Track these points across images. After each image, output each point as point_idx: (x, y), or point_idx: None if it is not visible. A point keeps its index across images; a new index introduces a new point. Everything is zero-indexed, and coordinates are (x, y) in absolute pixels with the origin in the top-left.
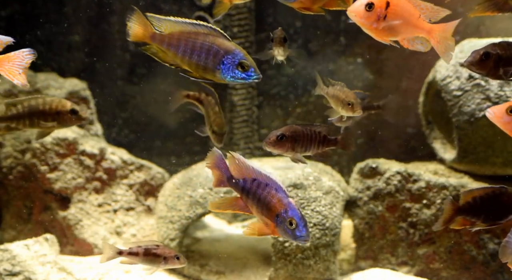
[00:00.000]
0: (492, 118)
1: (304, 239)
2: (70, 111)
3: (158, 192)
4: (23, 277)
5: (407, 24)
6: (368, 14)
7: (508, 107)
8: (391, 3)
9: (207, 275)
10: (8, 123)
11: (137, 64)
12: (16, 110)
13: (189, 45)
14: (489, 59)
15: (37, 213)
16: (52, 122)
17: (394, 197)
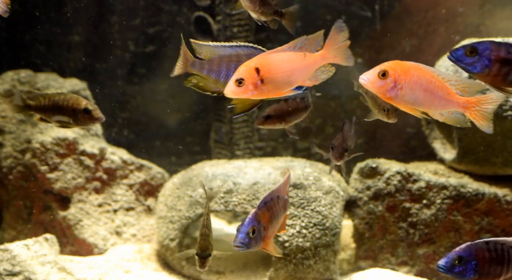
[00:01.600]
0: (366, 84)
1: (234, 245)
2: (83, 110)
3: (158, 192)
4: (23, 277)
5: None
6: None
7: (379, 71)
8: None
9: (207, 275)
10: (37, 112)
11: (137, 64)
12: (43, 102)
13: (231, 68)
14: None
15: (37, 213)
16: (68, 119)
17: (394, 197)
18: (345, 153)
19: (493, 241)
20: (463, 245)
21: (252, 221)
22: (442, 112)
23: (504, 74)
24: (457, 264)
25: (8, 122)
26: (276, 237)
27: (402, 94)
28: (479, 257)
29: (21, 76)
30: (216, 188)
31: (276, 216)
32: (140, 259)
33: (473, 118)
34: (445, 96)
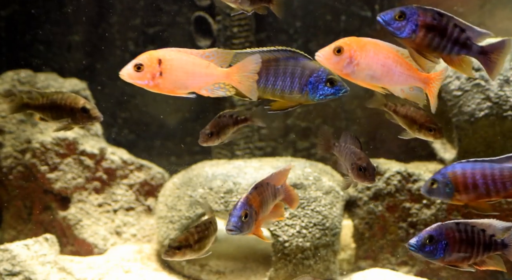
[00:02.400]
0: (321, 61)
1: (227, 229)
2: (81, 109)
3: (158, 192)
4: (23, 277)
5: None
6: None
7: (334, 48)
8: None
9: (207, 275)
10: (36, 111)
11: None
12: (41, 101)
13: (271, 73)
14: None
15: (37, 213)
16: (66, 118)
17: (394, 197)
18: (375, 171)
19: (463, 223)
20: (433, 225)
21: (244, 205)
22: (403, 88)
23: (429, 40)
24: (427, 243)
25: (8, 122)
26: (276, 237)
27: (358, 70)
28: (450, 237)
29: (21, 76)
30: (216, 188)
31: (266, 202)
32: (140, 259)
33: (429, 94)
34: (405, 72)
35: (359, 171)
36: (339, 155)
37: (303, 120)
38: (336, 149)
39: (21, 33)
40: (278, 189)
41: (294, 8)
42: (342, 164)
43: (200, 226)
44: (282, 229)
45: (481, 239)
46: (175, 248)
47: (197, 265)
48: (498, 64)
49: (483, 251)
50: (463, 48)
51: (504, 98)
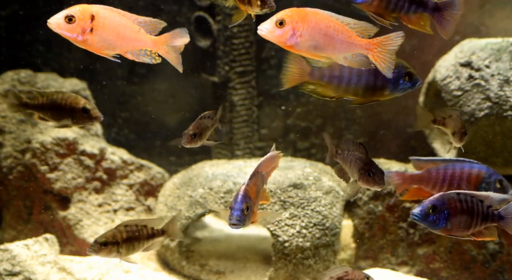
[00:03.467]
0: (265, 35)
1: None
2: (81, 109)
3: (158, 192)
4: (23, 277)
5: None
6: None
7: (276, 20)
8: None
9: (207, 275)
10: (35, 111)
11: (137, 64)
12: (41, 100)
13: (354, 71)
14: None
15: (37, 213)
16: (67, 118)
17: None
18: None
19: (463, 193)
20: (436, 195)
21: (245, 197)
22: (345, 55)
23: (386, 2)
24: (431, 213)
25: (8, 122)
26: (276, 237)
27: (302, 41)
28: (452, 207)
29: (21, 76)
30: (216, 188)
31: (259, 191)
32: (140, 259)
33: (375, 60)
34: (346, 39)
35: (368, 176)
36: (343, 163)
37: (303, 120)
38: (339, 157)
39: (21, 33)
40: (264, 175)
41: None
42: (348, 172)
43: (130, 226)
44: (282, 229)
45: (480, 209)
46: (100, 244)
47: (197, 265)
48: (451, 21)
49: (481, 221)
50: (419, 6)
51: (504, 98)
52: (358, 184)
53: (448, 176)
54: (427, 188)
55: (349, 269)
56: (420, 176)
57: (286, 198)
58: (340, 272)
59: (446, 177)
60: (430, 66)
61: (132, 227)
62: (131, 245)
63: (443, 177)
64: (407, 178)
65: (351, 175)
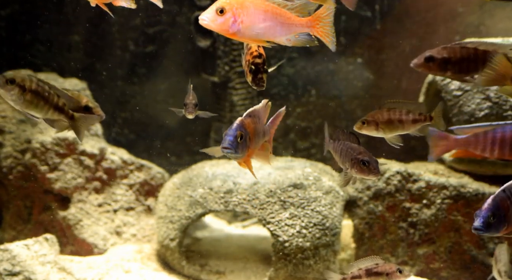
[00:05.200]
0: (207, 24)
1: (223, 146)
2: (84, 107)
3: (158, 192)
4: (23, 277)
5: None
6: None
7: (216, 8)
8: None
9: (207, 275)
10: None
11: (137, 64)
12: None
13: None
14: (433, 62)
15: (37, 213)
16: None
17: (394, 197)
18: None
19: (507, 188)
20: (488, 201)
21: (240, 126)
22: (288, 37)
23: None
24: (492, 221)
25: (8, 122)
26: (276, 237)
27: (244, 28)
28: (505, 207)
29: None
30: (216, 188)
31: (258, 134)
32: (140, 259)
33: (319, 36)
34: (286, 21)
35: (363, 165)
36: (334, 152)
37: (303, 120)
38: (330, 145)
39: (21, 33)
40: (266, 127)
41: None
42: (338, 162)
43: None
44: (282, 229)
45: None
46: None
47: (197, 265)
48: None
49: None
50: None
51: (504, 98)
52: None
53: (498, 139)
54: (476, 152)
55: (380, 261)
56: (466, 140)
57: (286, 198)
58: (370, 264)
59: (495, 140)
60: None
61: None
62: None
63: (492, 140)
64: (452, 141)
65: (341, 165)
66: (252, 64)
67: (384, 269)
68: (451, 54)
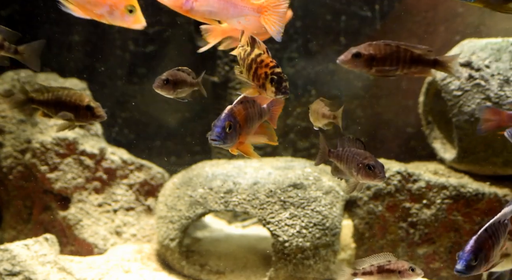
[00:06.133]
0: (174, 6)
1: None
2: (86, 106)
3: (158, 192)
4: (23, 277)
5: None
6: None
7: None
8: None
9: (207, 275)
10: (40, 107)
11: (137, 64)
12: (46, 96)
13: None
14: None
15: (37, 213)
16: (70, 115)
17: (394, 197)
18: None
19: (490, 226)
20: (470, 242)
21: (228, 116)
22: (239, 19)
23: None
24: (474, 264)
25: (8, 122)
26: (276, 237)
27: (197, 6)
28: (486, 247)
29: (21, 76)
30: (216, 188)
31: (251, 119)
32: (140, 259)
33: (265, 23)
34: (239, 3)
35: (368, 170)
36: (338, 161)
37: (303, 120)
38: (332, 155)
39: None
40: (263, 108)
41: (294, 8)
42: (344, 169)
43: None
44: (282, 229)
45: (502, 231)
46: None
47: (197, 265)
48: None
49: (504, 242)
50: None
51: (504, 98)
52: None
53: None
54: None
55: (393, 258)
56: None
57: (286, 198)
58: (383, 261)
59: None
60: None
61: None
62: None
63: None
64: (505, 116)
65: (347, 172)
66: (273, 75)
67: (396, 267)
68: (376, 51)
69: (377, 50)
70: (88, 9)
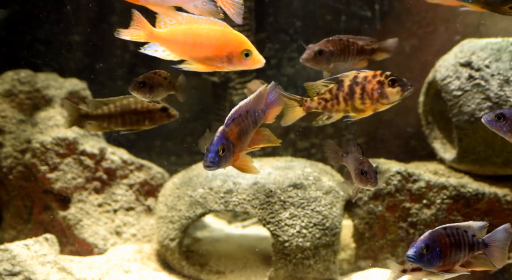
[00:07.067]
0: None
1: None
2: (161, 109)
3: (158, 192)
4: (23, 277)
5: None
6: None
7: None
8: None
9: (207, 275)
10: (100, 121)
11: (137, 64)
12: (108, 109)
13: None
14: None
15: (37, 213)
16: (143, 121)
17: (394, 197)
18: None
19: (449, 227)
20: (425, 234)
21: (221, 139)
22: (195, 4)
23: None
24: (425, 253)
25: (8, 122)
26: (276, 237)
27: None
28: (442, 243)
29: (21, 76)
30: (216, 188)
31: (245, 132)
32: (140, 259)
33: (224, 6)
34: None
35: (361, 175)
36: (348, 165)
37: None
38: (345, 160)
39: (21, 33)
40: (258, 114)
41: (294, 8)
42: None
43: None
44: (282, 229)
45: (466, 240)
46: None
47: (197, 265)
48: None
49: (469, 251)
50: None
51: (504, 98)
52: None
53: None
54: None
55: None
56: None
57: (286, 198)
58: None
59: None
60: (430, 66)
61: None
62: None
63: None
64: None
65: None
66: (389, 77)
67: None
68: (334, 46)
69: (334, 46)
70: (209, 64)
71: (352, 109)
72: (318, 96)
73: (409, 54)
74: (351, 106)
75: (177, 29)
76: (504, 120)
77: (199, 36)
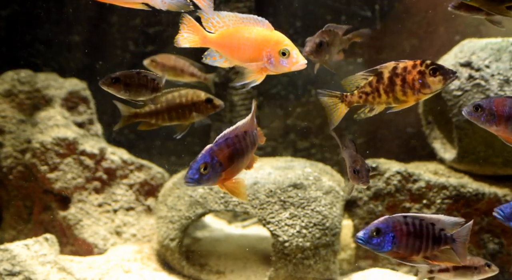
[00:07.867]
0: None
1: (184, 181)
2: (205, 100)
3: (158, 192)
4: (23, 277)
5: None
6: None
7: None
8: None
9: (207, 275)
10: (148, 119)
11: (137, 64)
12: (151, 107)
13: None
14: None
15: (37, 213)
16: (189, 113)
17: (394, 197)
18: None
19: (411, 216)
20: (381, 218)
21: (205, 157)
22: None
23: None
24: (375, 236)
25: (8, 122)
26: (276, 237)
27: None
28: (397, 230)
29: (21, 76)
30: (216, 188)
31: (240, 154)
32: (140, 259)
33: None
34: None
35: (354, 173)
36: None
37: (303, 120)
38: (343, 154)
39: (21, 33)
40: (255, 134)
41: (294, 8)
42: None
43: None
44: (282, 229)
45: (430, 232)
46: None
47: (197, 265)
48: None
49: (433, 244)
50: None
51: None
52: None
53: None
54: None
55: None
56: None
57: (286, 198)
58: None
59: None
60: None
61: None
62: None
63: None
64: None
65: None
66: (430, 66)
67: (472, 263)
68: (329, 37)
69: (329, 37)
70: (255, 68)
71: (394, 100)
72: (358, 89)
73: (409, 54)
74: (393, 98)
75: (226, 32)
76: (481, 111)
77: (243, 38)
